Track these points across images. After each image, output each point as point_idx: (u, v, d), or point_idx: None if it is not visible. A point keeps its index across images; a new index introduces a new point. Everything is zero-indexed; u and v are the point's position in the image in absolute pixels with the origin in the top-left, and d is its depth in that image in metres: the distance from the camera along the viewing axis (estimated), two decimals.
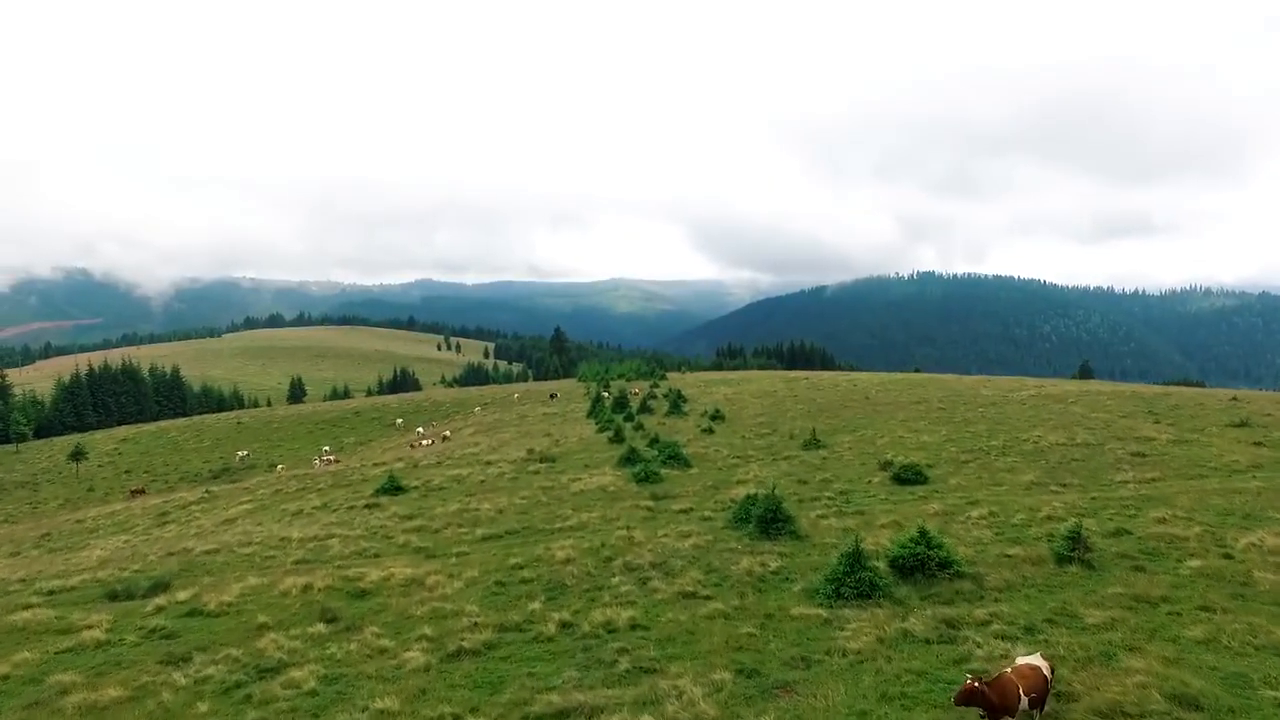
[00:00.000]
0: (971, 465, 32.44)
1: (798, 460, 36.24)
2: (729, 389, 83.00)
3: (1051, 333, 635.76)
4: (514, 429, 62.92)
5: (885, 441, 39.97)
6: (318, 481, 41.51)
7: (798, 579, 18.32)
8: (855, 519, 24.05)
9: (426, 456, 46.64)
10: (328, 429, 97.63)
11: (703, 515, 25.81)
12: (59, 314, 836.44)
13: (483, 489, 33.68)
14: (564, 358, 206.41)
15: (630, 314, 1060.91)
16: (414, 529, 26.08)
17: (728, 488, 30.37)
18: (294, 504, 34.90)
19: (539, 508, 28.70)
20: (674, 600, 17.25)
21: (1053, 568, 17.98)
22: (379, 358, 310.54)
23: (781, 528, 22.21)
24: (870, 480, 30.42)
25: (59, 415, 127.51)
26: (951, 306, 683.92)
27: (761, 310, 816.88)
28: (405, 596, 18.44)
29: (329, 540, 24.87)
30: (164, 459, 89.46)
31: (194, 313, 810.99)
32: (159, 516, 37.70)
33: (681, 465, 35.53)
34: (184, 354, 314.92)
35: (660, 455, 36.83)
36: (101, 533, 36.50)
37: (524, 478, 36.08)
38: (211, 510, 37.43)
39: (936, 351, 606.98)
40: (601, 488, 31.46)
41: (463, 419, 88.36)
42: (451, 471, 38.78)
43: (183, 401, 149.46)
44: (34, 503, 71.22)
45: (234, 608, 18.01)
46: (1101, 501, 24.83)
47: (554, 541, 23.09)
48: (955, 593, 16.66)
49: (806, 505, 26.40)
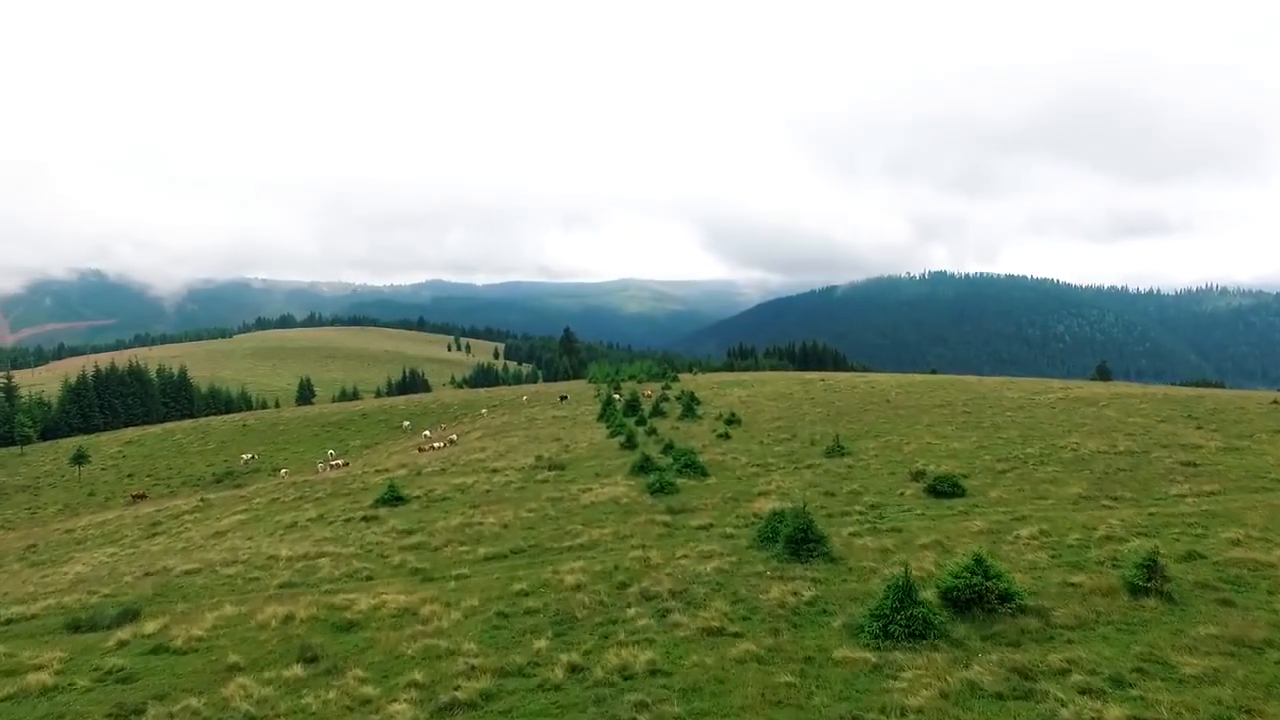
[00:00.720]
0: (1010, 475, 30.26)
1: (821, 469, 34.15)
2: (743, 391, 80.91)
3: (1065, 333, 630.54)
4: (522, 433, 61.04)
5: (913, 448, 37.81)
6: (316, 490, 39.71)
7: (837, 612, 16.26)
8: (892, 538, 21.96)
9: (431, 463, 44.79)
10: (334, 431, 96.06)
11: (724, 532, 23.78)
12: (73, 315, 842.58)
13: (487, 500, 31.75)
14: (574, 359, 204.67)
15: (640, 314, 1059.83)
16: (412, 546, 24.16)
17: (749, 500, 28.33)
18: (289, 515, 33.08)
19: (547, 522, 26.73)
20: (698, 638, 15.23)
21: (1127, 600, 15.85)
22: (388, 358, 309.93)
23: (813, 549, 20.15)
24: (903, 492, 28.31)
25: (65, 417, 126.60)
26: (964, 306, 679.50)
27: (772, 310, 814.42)
28: (396, 630, 16.49)
29: (319, 559, 22.97)
30: (168, 462, 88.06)
31: (207, 313, 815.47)
32: (150, 527, 35.98)
33: (698, 474, 33.51)
34: (195, 355, 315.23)
35: (675, 464, 34.83)
36: (89, 544, 34.81)
37: (531, 487, 34.14)
38: (204, 520, 35.66)
39: (949, 352, 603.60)
40: (614, 500, 29.46)
41: (470, 421, 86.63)
42: (456, 480, 36.88)
43: (190, 403, 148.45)
44: (33, 508, 69.83)
45: (204, 643, 16.09)
46: (1161, 519, 22.66)
47: (563, 563, 21.13)
48: (1021, 632, 14.57)
49: (836, 521, 24.34)
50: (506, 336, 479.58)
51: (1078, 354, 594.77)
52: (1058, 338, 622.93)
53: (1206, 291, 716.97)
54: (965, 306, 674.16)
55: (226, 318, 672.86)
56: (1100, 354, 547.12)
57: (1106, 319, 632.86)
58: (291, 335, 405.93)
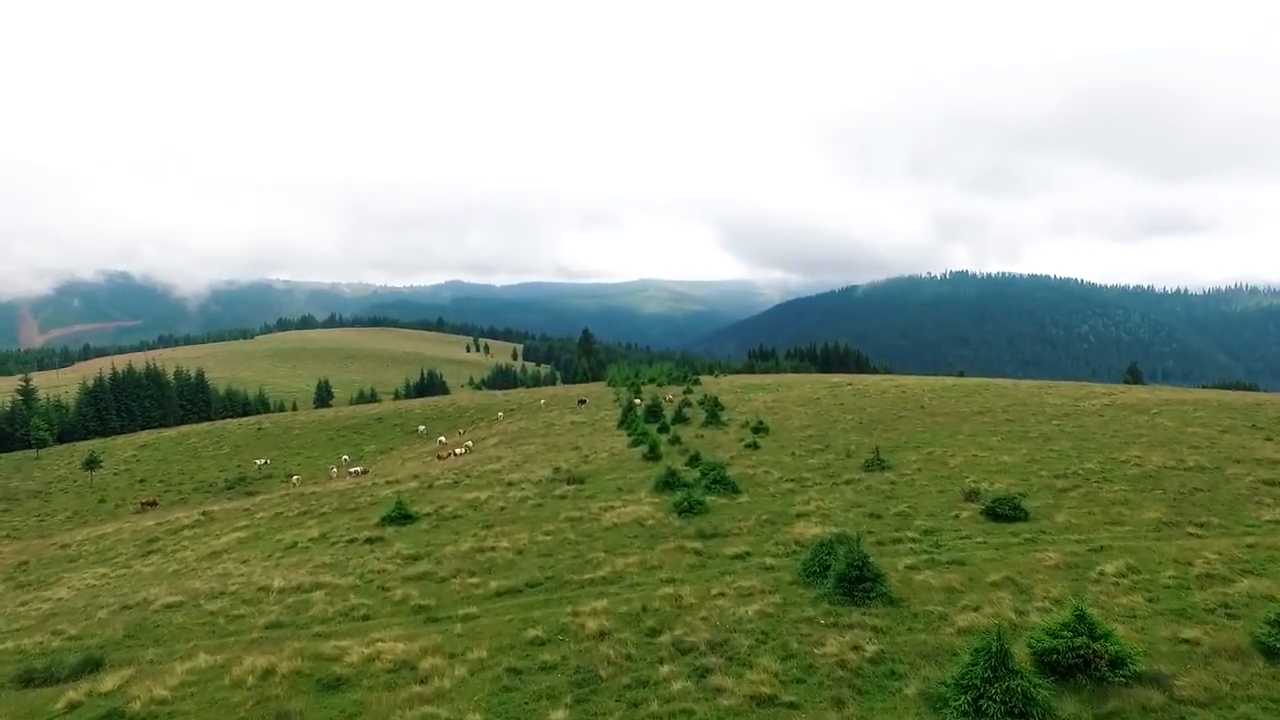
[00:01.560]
0: (1072, 495, 27.48)
1: (862, 485, 31.50)
2: (768, 395, 78.18)
3: (1090, 333, 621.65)
4: (540, 440, 58.74)
5: (959, 462, 35.05)
6: (323, 503, 37.59)
7: (908, 674, 13.73)
8: (956, 573, 19.36)
9: (443, 474, 42.56)
10: (349, 436, 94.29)
11: (763, 563, 21.27)
12: (101, 316, 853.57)
13: (502, 519, 29.39)
14: (592, 360, 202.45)
15: (658, 315, 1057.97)
16: (416, 577, 21.84)
17: (787, 523, 25.77)
18: (290, 533, 30.91)
19: (565, 547, 24.33)
20: (746, 710, 12.76)
21: (1262, 666, 13.21)
22: (407, 359, 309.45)
23: (870, 589, 17.61)
24: (957, 514, 25.63)
25: (83, 420, 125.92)
26: (986, 306, 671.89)
27: (791, 310, 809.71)
28: (390, 690, 14.14)
29: (313, 593, 20.70)
30: (181, 467, 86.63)
31: (230, 314, 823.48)
32: (146, 544, 33.99)
33: (728, 491, 30.97)
34: (217, 355, 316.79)
35: (703, 479, 32.30)
36: (81, 562, 32.89)
37: (549, 504, 31.76)
38: (203, 538, 33.61)
39: (971, 352, 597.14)
40: (638, 520, 27.01)
41: (487, 426, 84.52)
42: (469, 494, 34.58)
43: (207, 405, 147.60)
44: (42, 515, 68.41)
45: (166, 707, 13.83)
46: (1264, 552, 19.90)
47: (584, 600, 18.72)
48: (1141, 709, 11.99)
49: (888, 550, 21.76)
50: (525, 337, 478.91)
51: (1103, 355, 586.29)
52: (1082, 338, 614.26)
53: (1236, 291, 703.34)
54: (987, 307, 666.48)
55: (249, 318, 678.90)
56: (1126, 355, 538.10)
57: (1132, 319, 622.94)
58: (312, 336, 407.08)
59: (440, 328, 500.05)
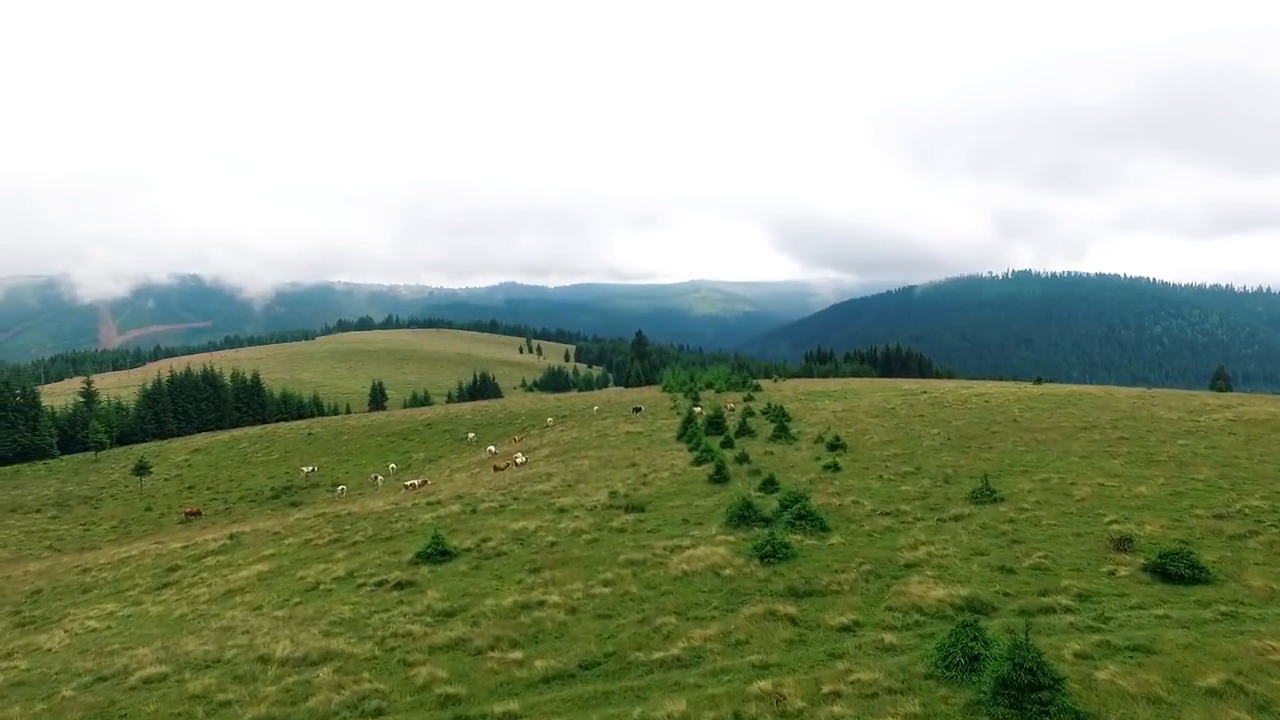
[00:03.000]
0: (1253, 546, 22.18)
1: (975, 523, 26.56)
2: (836, 404, 72.94)
3: (1163, 334, 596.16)
4: (593, 453, 54.73)
5: (1086, 493, 29.76)
6: (357, 529, 34.09)
7: None
8: (1149, 668, 14.50)
9: (490, 494, 38.80)
10: (397, 442, 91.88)
11: (880, 640, 16.69)
12: (174, 317, 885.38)
13: (552, 558, 25.30)
14: (645, 363, 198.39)
15: (709, 315, 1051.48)
16: (447, 645, 17.83)
17: (896, 576, 21.10)
18: (315, 568, 27.34)
19: (628, 605, 20.10)
20: None
21: None
22: (461, 360, 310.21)
23: (1047, 700, 12.92)
24: (1112, 570, 20.60)
25: (141, 422, 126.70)
26: (1051, 307, 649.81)
27: (846, 311, 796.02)
28: None
29: (321, 668, 16.81)
30: (230, 473, 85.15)
31: (293, 315, 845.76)
32: (165, 574, 30.88)
33: (815, 529, 26.35)
34: (278, 356, 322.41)
35: (784, 512, 27.74)
36: (95, 594, 29.92)
37: (606, 538, 27.59)
38: (225, 568, 30.33)
39: (1035, 355, 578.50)
40: (713, 568, 22.61)
41: (539, 434, 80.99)
42: (515, 523, 30.62)
43: (262, 408, 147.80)
44: (88, 523, 67.08)
45: None
46: None
47: (654, 697, 14.45)
48: None
49: (1040, 626, 16.90)
50: (577, 338, 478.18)
51: (1177, 357, 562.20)
52: (1155, 339, 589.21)
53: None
54: (1052, 307, 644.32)
55: (311, 319, 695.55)
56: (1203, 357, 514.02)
57: (1210, 319, 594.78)
58: (369, 337, 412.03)
59: (494, 329, 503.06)
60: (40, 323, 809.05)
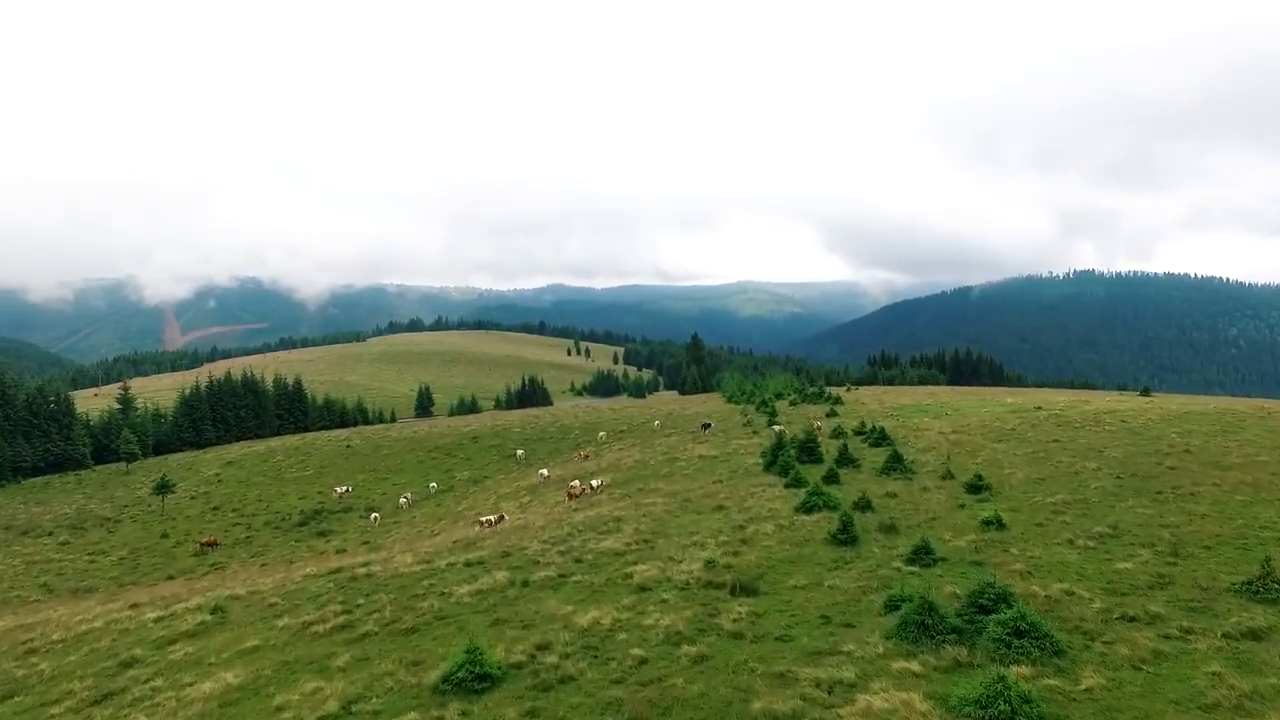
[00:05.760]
0: None
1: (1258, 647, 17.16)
2: (938, 422, 63.08)
3: (1239, 337, 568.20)
4: (664, 485, 46.05)
5: None
6: (373, 600, 25.95)
7: None
8: None
9: (545, 551, 30.38)
10: (440, 458, 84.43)
11: None
12: (233, 319, 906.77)
13: (644, 696, 16.61)
14: (702, 368, 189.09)
15: (756, 317, 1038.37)
16: None
17: None
18: (301, 690, 19.08)
19: None
20: None
21: None
22: (509, 362, 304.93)
23: None
24: None
25: (178, 430, 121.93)
26: (1116, 308, 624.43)
27: (899, 312, 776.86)
28: None
29: None
30: (259, 492, 78.57)
31: (346, 317, 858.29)
32: (117, 670, 23.06)
33: (1045, 651, 17.20)
34: (328, 358, 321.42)
35: (982, 617, 18.64)
36: (26, 687, 22.25)
37: (719, 652, 18.81)
38: (190, 667, 22.39)
39: (1099, 358, 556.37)
40: None
41: (595, 452, 72.60)
42: (583, 615, 21.98)
43: (304, 415, 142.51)
44: (96, 553, 60.59)
45: None
46: None
47: None
48: None
49: None
50: (625, 340, 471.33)
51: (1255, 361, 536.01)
52: (1230, 342, 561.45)
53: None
54: (1117, 308, 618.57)
55: (364, 320, 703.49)
56: None
57: None
58: (418, 339, 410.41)
59: (542, 330, 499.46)
60: (109, 324, 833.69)
